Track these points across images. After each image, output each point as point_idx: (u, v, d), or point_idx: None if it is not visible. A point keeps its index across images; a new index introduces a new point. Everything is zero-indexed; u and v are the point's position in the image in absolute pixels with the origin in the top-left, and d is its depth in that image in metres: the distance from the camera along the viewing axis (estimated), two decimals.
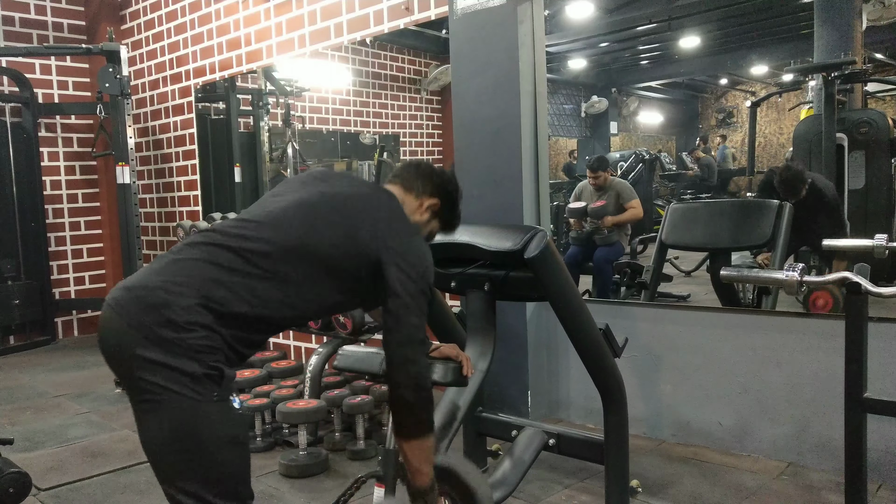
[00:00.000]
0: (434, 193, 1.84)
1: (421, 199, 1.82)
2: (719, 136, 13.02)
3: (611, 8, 7.93)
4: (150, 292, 1.45)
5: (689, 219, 4.14)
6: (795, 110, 9.56)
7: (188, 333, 1.42)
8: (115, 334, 1.46)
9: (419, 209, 1.82)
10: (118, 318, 1.45)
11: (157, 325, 1.42)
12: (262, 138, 5.62)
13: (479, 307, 2.35)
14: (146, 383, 1.42)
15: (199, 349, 1.43)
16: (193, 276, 1.48)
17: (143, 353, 1.41)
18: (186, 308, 1.43)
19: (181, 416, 1.42)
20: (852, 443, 1.62)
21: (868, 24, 5.53)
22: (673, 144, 15.30)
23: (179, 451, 1.43)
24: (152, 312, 1.43)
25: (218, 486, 1.45)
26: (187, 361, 1.42)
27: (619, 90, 13.14)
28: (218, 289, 1.47)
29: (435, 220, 1.87)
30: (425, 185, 1.83)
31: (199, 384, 1.42)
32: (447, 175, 1.89)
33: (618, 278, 4.87)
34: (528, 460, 2.39)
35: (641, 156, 9.48)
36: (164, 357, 1.41)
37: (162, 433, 1.43)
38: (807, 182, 3.99)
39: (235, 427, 1.50)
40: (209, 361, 1.44)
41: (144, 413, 1.45)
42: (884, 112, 5.43)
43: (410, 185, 1.83)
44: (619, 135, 13.76)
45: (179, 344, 1.41)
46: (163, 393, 1.41)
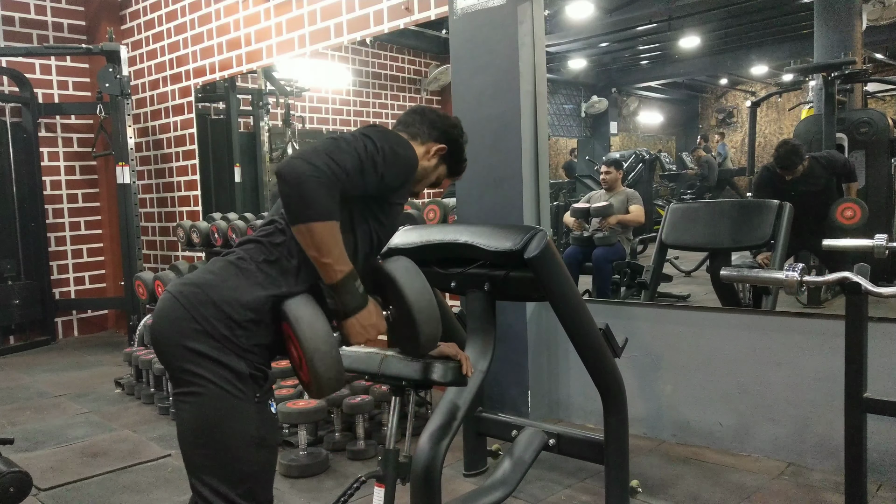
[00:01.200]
0: (440, 139, 1.82)
1: (427, 144, 1.81)
2: (717, 134, 13.02)
3: (611, 8, 7.93)
4: (214, 289, 1.48)
5: (689, 219, 4.14)
6: (795, 110, 9.57)
7: (243, 331, 1.46)
8: (171, 323, 1.48)
9: (426, 155, 1.81)
10: (180, 308, 1.47)
11: (217, 319, 1.45)
12: (262, 138, 5.62)
13: (479, 307, 2.35)
14: (192, 375, 1.44)
15: (250, 350, 1.47)
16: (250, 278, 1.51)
17: (195, 345, 1.44)
18: (246, 307, 1.47)
19: (219, 410, 1.45)
20: (852, 443, 1.62)
21: (868, 24, 5.54)
22: (673, 144, 15.31)
23: (211, 446, 1.46)
24: (213, 307, 1.46)
25: (242, 485, 1.47)
26: (236, 359, 1.45)
27: (619, 90, 13.14)
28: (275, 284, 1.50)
29: (442, 165, 1.86)
30: (431, 130, 1.82)
31: (244, 383, 1.46)
32: (452, 120, 1.88)
33: (618, 278, 4.87)
34: (528, 460, 2.39)
35: (641, 156, 9.47)
36: (213, 351, 1.44)
37: (198, 425, 1.46)
38: (804, 157, 4.05)
39: (268, 430, 1.52)
40: (256, 362, 1.48)
41: (185, 403, 1.47)
42: (884, 112, 5.43)
43: (415, 131, 1.82)
44: (619, 135, 13.76)
45: (233, 341, 1.45)
46: (206, 385, 1.44)
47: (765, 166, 4.59)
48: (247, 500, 1.48)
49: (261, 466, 1.51)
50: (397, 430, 1.90)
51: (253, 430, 1.48)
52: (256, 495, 1.51)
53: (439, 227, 2.67)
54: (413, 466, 1.97)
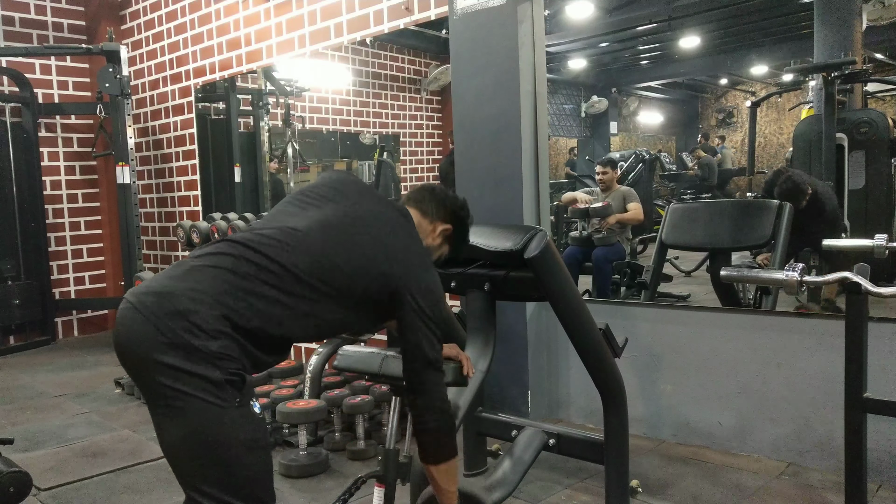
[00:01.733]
0: (447, 219, 1.88)
1: (434, 223, 1.86)
2: (718, 137, 13.01)
3: (611, 8, 7.93)
4: (176, 298, 1.45)
5: (690, 219, 4.14)
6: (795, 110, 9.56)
7: (213, 341, 1.43)
8: (136, 336, 1.45)
9: (432, 233, 1.86)
10: (142, 321, 1.44)
11: (183, 330, 1.41)
12: (262, 138, 5.62)
13: (479, 307, 2.35)
14: (169, 389, 1.41)
15: (221, 356, 1.44)
16: (216, 286, 1.48)
17: (165, 358, 1.40)
18: (212, 317, 1.44)
19: (204, 422, 1.42)
20: (852, 443, 1.62)
21: (868, 24, 5.53)
22: (673, 144, 15.31)
23: (201, 457, 1.44)
24: (178, 318, 1.42)
25: (239, 489, 1.46)
26: (210, 368, 1.42)
27: (619, 90, 13.14)
28: (238, 303, 1.48)
29: (446, 245, 1.92)
30: (439, 209, 1.87)
31: (221, 390, 1.43)
32: (460, 201, 1.93)
33: (618, 278, 4.87)
34: (528, 460, 2.39)
35: (641, 156, 9.47)
36: (186, 363, 1.41)
37: (184, 438, 1.44)
38: (808, 193, 3.92)
39: (256, 431, 1.51)
40: (230, 368, 1.45)
41: (165, 418, 1.45)
42: (884, 112, 5.42)
43: (425, 208, 1.87)
44: (619, 135, 13.76)
45: (203, 350, 1.42)
46: (186, 399, 1.41)
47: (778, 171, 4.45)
48: (250, 503, 1.47)
49: (257, 468, 1.50)
50: (397, 430, 1.91)
51: (241, 435, 1.46)
52: (258, 496, 1.50)
53: None
54: (413, 466, 1.97)
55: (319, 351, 3.50)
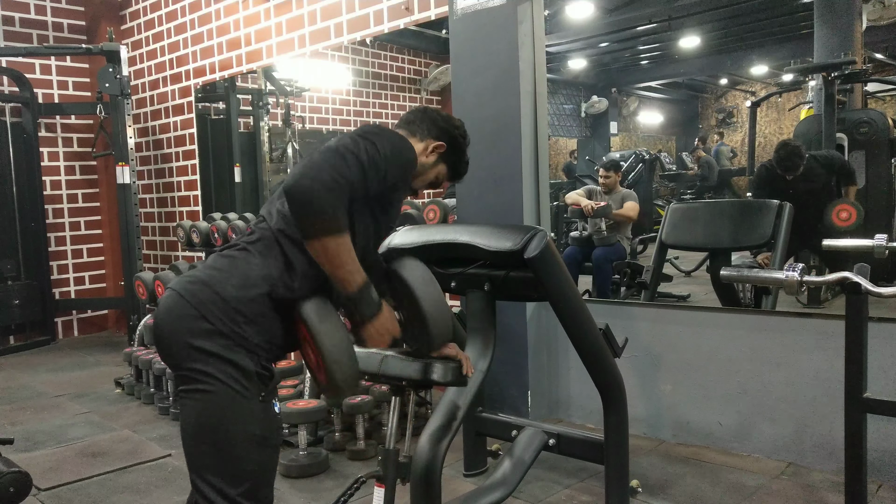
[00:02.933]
0: (439, 136, 1.81)
1: (426, 141, 1.80)
2: (716, 135, 13.01)
3: (611, 8, 7.93)
4: (221, 286, 1.48)
5: (689, 219, 4.14)
6: (795, 110, 9.57)
7: (253, 327, 1.46)
8: (176, 320, 1.47)
9: (425, 151, 1.79)
10: (185, 305, 1.46)
11: (226, 317, 1.44)
12: (262, 138, 5.62)
13: (479, 307, 2.35)
14: (199, 373, 1.44)
15: (260, 344, 1.47)
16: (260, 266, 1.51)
17: (203, 343, 1.43)
18: (256, 300, 1.47)
19: (226, 409, 1.45)
20: (852, 443, 1.62)
21: (868, 24, 5.54)
22: (673, 144, 15.31)
23: (214, 443, 1.46)
24: (223, 304, 1.45)
25: (243, 484, 1.47)
26: (245, 356, 1.45)
27: (619, 90, 13.14)
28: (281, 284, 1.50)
29: (442, 164, 1.84)
30: (430, 127, 1.81)
31: (250, 381, 1.46)
32: (454, 120, 1.86)
33: (618, 278, 4.87)
34: (528, 460, 2.39)
35: (641, 156, 9.47)
36: (222, 350, 1.43)
37: (203, 422, 1.46)
38: (804, 156, 4.06)
39: (272, 430, 1.53)
40: (264, 359, 1.48)
41: (191, 400, 1.47)
42: (884, 112, 5.43)
43: (415, 128, 1.81)
44: (619, 135, 13.77)
45: (244, 337, 1.45)
46: (214, 383, 1.43)
47: (763, 165, 4.59)
48: (247, 499, 1.48)
49: (262, 465, 1.51)
50: (397, 430, 1.90)
51: (256, 430, 1.48)
52: (257, 494, 1.50)
53: (439, 227, 2.67)
54: (413, 466, 1.97)
55: None
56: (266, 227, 1.58)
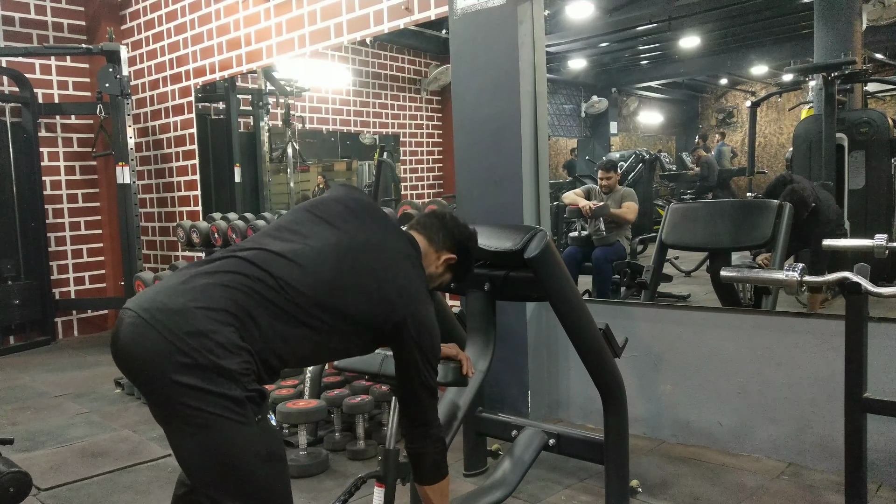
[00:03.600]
0: (453, 249, 1.89)
1: (440, 252, 1.88)
2: (718, 134, 13.01)
3: (611, 8, 7.93)
4: (193, 317, 1.42)
5: (689, 219, 4.14)
6: (795, 110, 9.56)
7: (234, 358, 1.42)
8: (152, 354, 1.41)
9: (436, 262, 1.87)
10: (159, 338, 1.41)
11: (206, 350, 1.40)
12: (262, 138, 5.62)
13: (479, 307, 2.35)
14: (189, 409, 1.40)
15: (242, 373, 1.43)
16: (230, 307, 1.46)
17: (187, 379, 1.39)
18: (231, 336, 1.43)
19: (226, 439, 1.42)
20: (852, 443, 1.62)
21: (868, 24, 5.53)
22: (673, 144, 15.31)
23: (221, 471, 1.45)
24: (200, 337, 1.40)
25: (254, 496, 1.47)
26: (232, 386, 1.41)
27: (619, 90, 13.14)
28: (248, 326, 1.47)
29: (448, 274, 1.93)
30: (446, 240, 1.89)
31: (243, 407, 1.43)
32: (468, 231, 1.94)
33: (618, 278, 4.87)
34: (528, 460, 2.40)
35: (641, 156, 9.46)
36: (208, 384, 1.39)
37: (203, 454, 1.44)
38: (811, 206, 3.93)
39: (273, 444, 1.52)
40: (249, 386, 1.45)
41: (184, 434, 1.44)
42: (884, 112, 5.42)
43: (433, 236, 1.88)
44: (619, 135, 13.76)
45: (226, 369, 1.41)
46: (207, 417, 1.40)
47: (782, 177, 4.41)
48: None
49: (275, 478, 1.51)
50: (397, 430, 1.90)
51: (261, 449, 1.47)
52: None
53: None
54: None
55: None
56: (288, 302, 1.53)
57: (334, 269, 1.60)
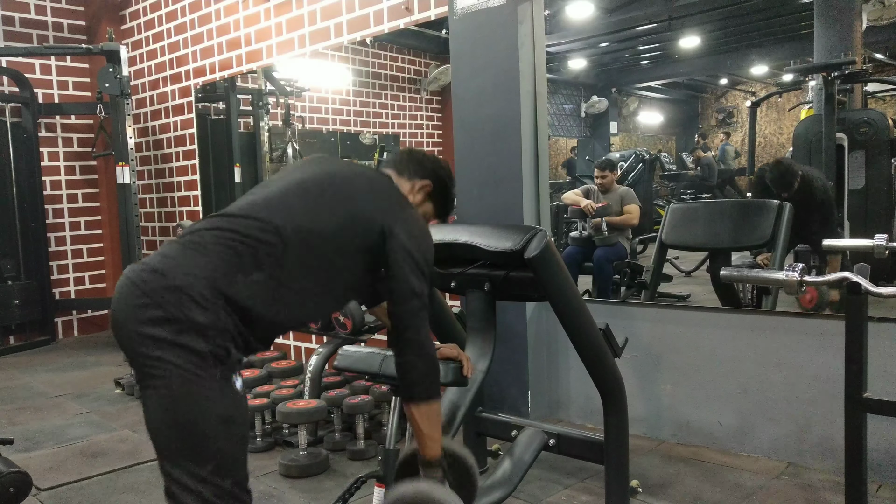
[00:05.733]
0: (426, 176, 1.88)
1: (413, 181, 1.86)
2: (722, 133, 13.01)
3: (611, 8, 7.93)
4: (172, 274, 1.47)
5: (689, 219, 4.14)
6: (795, 110, 9.56)
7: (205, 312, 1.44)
8: (130, 310, 1.46)
9: (412, 191, 1.86)
10: (139, 294, 1.45)
11: (178, 303, 1.43)
12: (262, 138, 5.61)
13: (479, 307, 2.35)
14: (152, 359, 1.43)
15: (210, 328, 1.45)
16: (210, 263, 1.49)
17: (154, 330, 1.42)
18: (207, 291, 1.46)
19: (180, 391, 1.43)
20: (852, 443, 1.62)
21: (868, 24, 5.53)
22: (673, 144, 15.31)
23: (175, 427, 1.45)
24: (175, 292, 1.44)
25: (211, 463, 1.45)
26: (195, 338, 1.43)
27: (619, 90, 13.15)
28: (230, 279, 1.49)
29: (428, 203, 1.90)
30: (417, 168, 1.88)
31: (203, 361, 1.44)
32: (439, 161, 1.94)
33: (618, 278, 4.87)
34: (528, 460, 2.39)
35: (641, 156, 9.48)
36: (171, 335, 1.42)
37: (161, 408, 1.45)
38: (797, 176, 4.02)
39: (232, 407, 1.50)
40: (217, 340, 1.45)
41: (149, 389, 1.47)
42: (884, 112, 5.43)
43: (402, 168, 1.88)
44: (619, 135, 13.78)
45: (194, 321, 1.43)
46: (166, 368, 1.42)
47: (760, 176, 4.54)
48: (219, 476, 1.46)
49: (230, 443, 1.49)
50: (397, 430, 1.91)
51: (219, 409, 1.46)
52: (229, 472, 1.48)
53: (439, 227, 2.67)
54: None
55: (319, 351, 3.50)
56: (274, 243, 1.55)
57: (304, 197, 1.64)
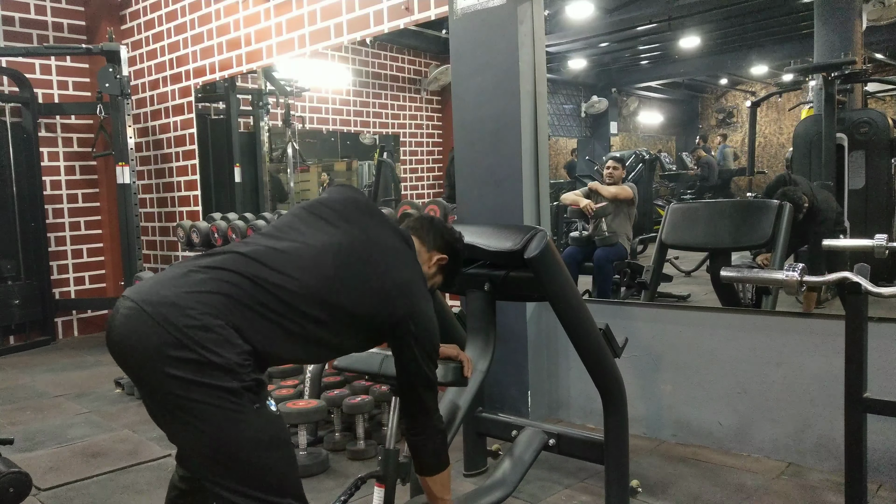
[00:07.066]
0: (443, 249, 1.94)
1: (431, 252, 1.92)
2: (719, 136, 13.01)
3: (611, 8, 7.93)
4: (195, 311, 1.44)
5: (689, 219, 4.14)
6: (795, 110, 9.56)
7: (233, 351, 1.44)
8: (151, 343, 1.42)
9: (429, 262, 1.91)
10: (159, 330, 1.42)
11: (209, 342, 1.42)
12: (262, 138, 5.62)
13: (479, 307, 2.35)
14: (185, 400, 1.42)
15: (238, 365, 1.44)
16: (227, 303, 1.47)
17: (181, 373, 1.40)
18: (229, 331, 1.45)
19: (224, 429, 1.43)
20: (852, 443, 1.62)
21: (868, 24, 5.53)
22: (673, 144, 15.30)
23: (225, 461, 1.46)
24: (202, 331, 1.42)
25: (267, 484, 1.48)
26: (225, 377, 1.42)
27: (619, 90, 13.13)
28: (245, 322, 1.48)
29: (440, 275, 1.96)
30: (437, 240, 1.94)
31: (238, 397, 1.44)
32: (456, 233, 2.00)
33: (618, 278, 4.87)
34: (528, 460, 2.39)
35: (641, 156, 9.46)
36: (203, 377, 1.41)
37: (206, 445, 1.45)
38: (804, 205, 3.92)
39: (275, 429, 1.52)
40: (244, 376, 1.45)
41: (185, 425, 1.45)
42: (884, 112, 5.43)
43: (423, 236, 1.92)
44: (619, 135, 13.76)
45: (225, 362, 1.42)
46: (204, 409, 1.42)
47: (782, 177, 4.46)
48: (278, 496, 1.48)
49: (281, 463, 1.51)
50: (397, 430, 1.91)
51: (262, 435, 1.47)
52: (287, 489, 1.51)
53: None
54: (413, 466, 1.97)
55: None
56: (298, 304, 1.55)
57: (334, 267, 1.62)
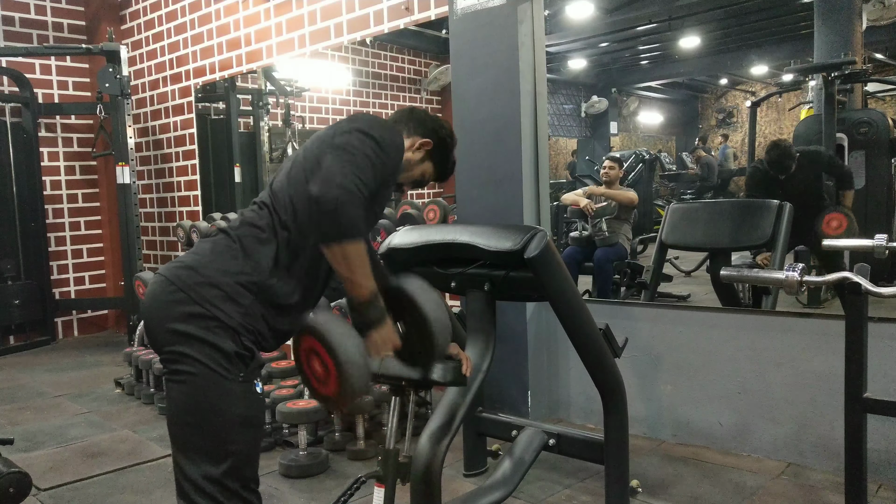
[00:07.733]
0: (426, 134, 1.82)
1: (413, 138, 1.81)
2: (720, 136, 13.01)
3: (611, 8, 7.93)
4: (206, 269, 1.52)
5: (689, 219, 4.14)
6: (795, 110, 9.57)
7: (238, 309, 1.49)
8: (161, 304, 1.51)
9: (411, 147, 1.80)
10: (173, 289, 1.50)
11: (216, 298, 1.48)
12: (262, 138, 5.62)
13: (479, 307, 2.35)
14: (180, 355, 1.47)
15: (240, 328, 1.49)
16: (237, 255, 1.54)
17: (182, 327, 1.47)
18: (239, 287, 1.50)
19: (206, 390, 1.47)
20: (852, 443, 1.62)
21: (868, 24, 5.54)
22: (673, 144, 15.31)
23: (194, 424, 1.49)
24: (211, 288, 1.49)
25: (225, 463, 1.48)
26: (224, 338, 1.47)
27: (619, 90, 13.14)
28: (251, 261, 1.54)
29: (428, 162, 1.85)
30: (417, 126, 1.83)
31: (229, 362, 1.48)
32: (440, 121, 1.88)
33: (618, 278, 4.87)
34: (528, 460, 2.39)
35: (641, 156, 9.46)
36: (201, 332, 1.46)
37: (183, 404, 1.49)
38: (795, 156, 4.08)
39: (252, 409, 1.54)
40: (245, 341, 1.50)
41: (173, 382, 1.51)
42: (884, 112, 5.42)
43: (402, 126, 1.82)
44: (619, 135, 13.77)
45: (224, 320, 1.47)
46: (193, 364, 1.46)
47: (755, 166, 4.59)
48: (231, 478, 1.49)
49: (246, 445, 1.52)
50: (397, 430, 1.91)
51: (239, 409, 1.50)
52: (241, 473, 1.51)
53: (439, 227, 2.67)
54: (413, 466, 1.97)
55: None
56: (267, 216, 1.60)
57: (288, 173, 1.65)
